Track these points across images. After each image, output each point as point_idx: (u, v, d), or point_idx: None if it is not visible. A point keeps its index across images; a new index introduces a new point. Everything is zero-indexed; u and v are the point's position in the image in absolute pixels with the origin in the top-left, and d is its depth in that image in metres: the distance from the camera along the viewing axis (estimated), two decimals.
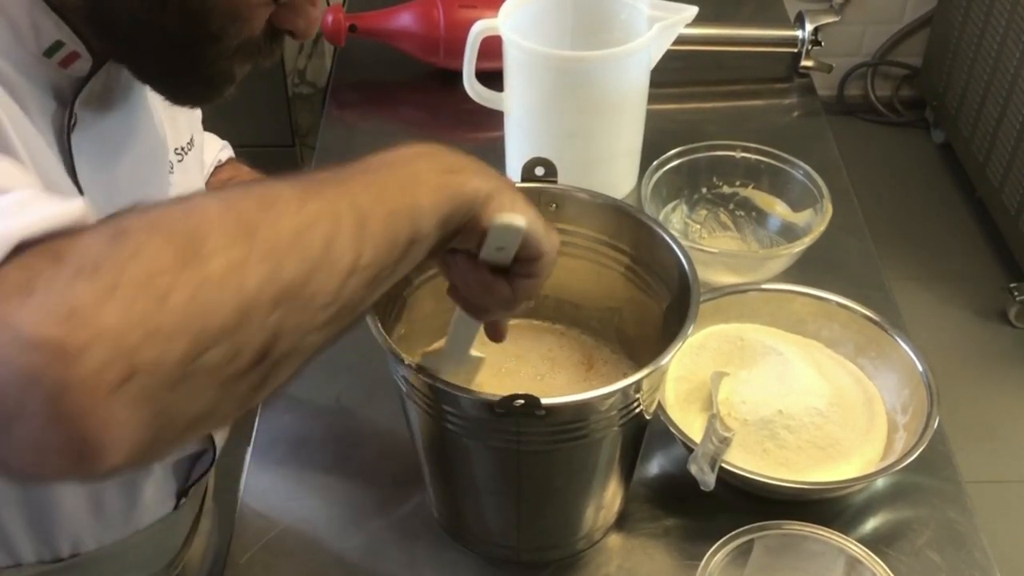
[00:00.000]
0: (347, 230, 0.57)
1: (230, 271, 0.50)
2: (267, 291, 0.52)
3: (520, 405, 0.78)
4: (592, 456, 0.89)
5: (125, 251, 0.48)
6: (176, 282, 0.48)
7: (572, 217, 1.01)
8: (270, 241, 0.53)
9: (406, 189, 0.63)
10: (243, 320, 0.51)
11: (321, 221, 0.56)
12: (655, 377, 0.88)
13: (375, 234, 0.59)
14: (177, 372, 0.48)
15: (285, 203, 0.55)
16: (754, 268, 1.20)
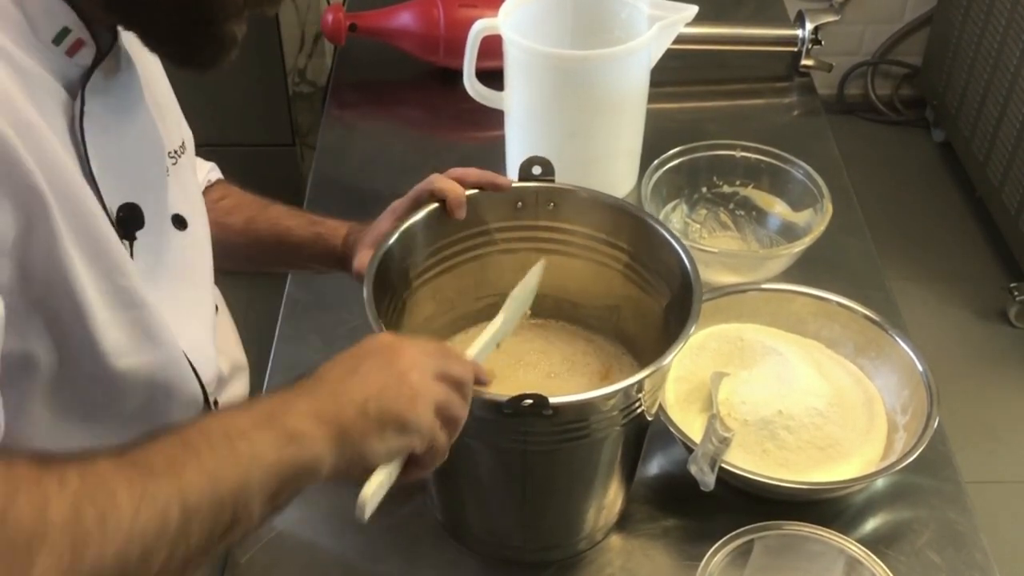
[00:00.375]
0: (171, 532, 0.62)
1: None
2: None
3: (529, 405, 0.78)
4: (595, 456, 0.89)
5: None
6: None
7: (570, 215, 1.01)
8: (97, 560, 0.58)
9: (239, 469, 0.66)
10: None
11: (148, 533, 0.61)
12: (657, 377, 0.88)
13: (199, 528, 0.64)
14: None
15: (118, 516, 0.60)
16: (754, 268, 1.20)
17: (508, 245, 1.03)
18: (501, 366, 1.04)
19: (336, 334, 1.19)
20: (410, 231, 0.97)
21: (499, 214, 1.01)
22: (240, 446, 0.66)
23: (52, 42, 0.74)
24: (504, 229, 1.02)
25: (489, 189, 0.99)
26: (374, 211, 1.03)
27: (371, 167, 1.47)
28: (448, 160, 1.49)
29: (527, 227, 1.02)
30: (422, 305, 1.01)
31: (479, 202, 1.00)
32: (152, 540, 0.61)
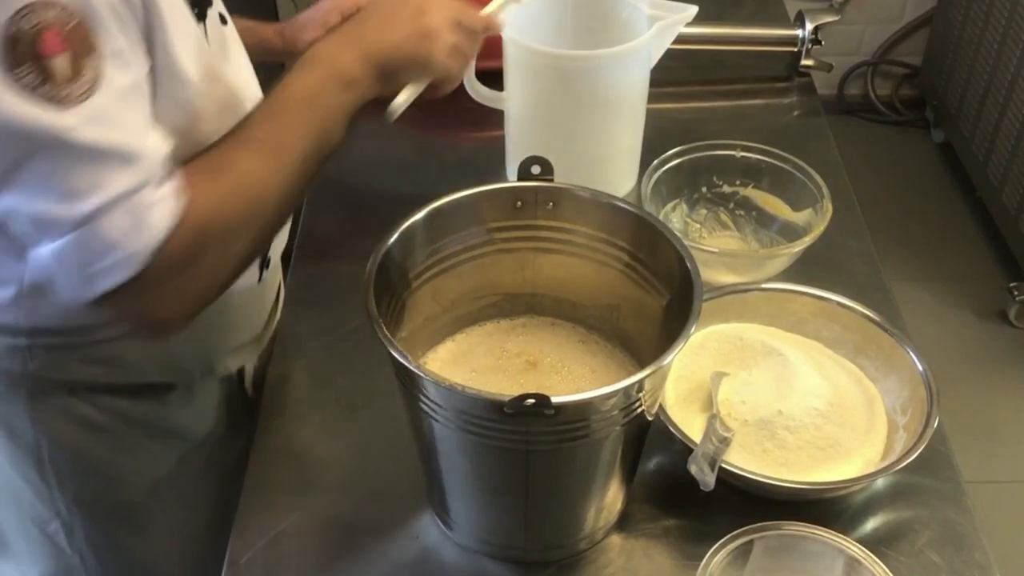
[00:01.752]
0: (315, 141, 0.94)
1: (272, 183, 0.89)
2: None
3: (531, 404, 0.78)
4: (595, 455, 0.89)
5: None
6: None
7: (570, 215, 1.01)
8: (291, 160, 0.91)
9: (323, 123, 0.97)
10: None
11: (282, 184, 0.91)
12: (657, 377, 0.88)
13: (308, 169, 0.94)
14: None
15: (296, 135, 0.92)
16: (754, 268, 1.20)
17: (507, 245, 1.03)
18: (500, 365, 1.04)
19: (336, 334, 1.19)
20: (410, 231, 0.97)
21: (498, 214, 1.01)
22: (318, 104, 0.94)
23: None
24: (503, 229, 1.02)
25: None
26: (374, 211, 1.03)
27: (371, 167, 1.47)
28: (448, 160, 1.50)
29: (526, 227, 1.02)
30: (422, 305, 1.01)
31: (479, 202, 1.00)
32: (285, 187, 0.90)
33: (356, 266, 0.93)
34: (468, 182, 1.01)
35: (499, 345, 1.06)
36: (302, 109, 0.93)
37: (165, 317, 0.86)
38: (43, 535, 1.10)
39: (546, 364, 1.04)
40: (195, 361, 1.06)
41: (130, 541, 1.11)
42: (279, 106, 0.92)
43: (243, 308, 1.09)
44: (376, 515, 1.02)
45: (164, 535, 1.12)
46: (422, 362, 1.04)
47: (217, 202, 0.84)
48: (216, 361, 1.09)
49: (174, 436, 1.10)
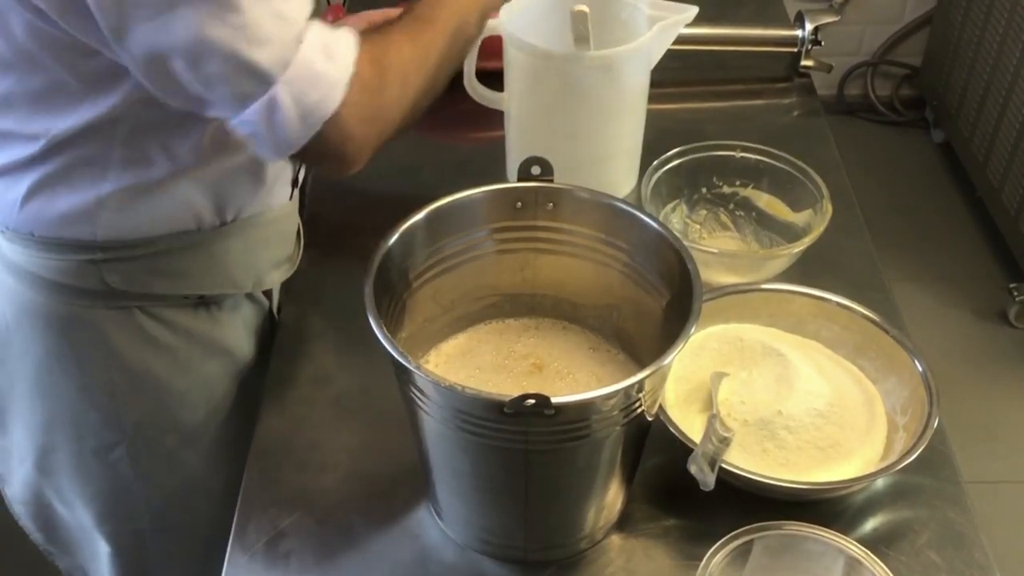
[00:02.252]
0: (450, 40, 1.06)
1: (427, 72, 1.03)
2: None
3: (531, 405, 0.78)
4: (595, 456, 0.90)
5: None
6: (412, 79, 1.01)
7: (569, 215, 1.01)
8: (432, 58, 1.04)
9: (459, 33, 1.08)
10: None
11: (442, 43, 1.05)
12: (657, 377, 0.88)
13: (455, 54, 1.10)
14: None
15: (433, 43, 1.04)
16: (754, 268, 1.20)
17: (507, 245, 1.03)
18: (506, 365, 1.04)
19: (337, 334, 1.19)
20: (410, 231, 0.97)
21: (498, 214, 1.01)
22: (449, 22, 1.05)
23: None
24: (503, 229, 1.02)
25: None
26: (374, 211, 1.03)
27: (371, 167, 1.46)
28: (448, 160, 1.50)
29: (526, 227, 1.02)
30: (422, 306, 1.01)
31: (479, 202, 1.00)
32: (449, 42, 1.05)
33: (356, 266, 0.93)
34: (468, 182, 1.01)
35: (507, 345, 1.06)
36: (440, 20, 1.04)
37: (356, 149, 0.98)
38: (103, 465, 1.14)
39: (552, 369, 1.04)
40: (245, 272, 1.12)
41: (186, 458, 1.17)
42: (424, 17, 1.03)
43: (280, 223, 1.15)
44: (376, 515, 1.02)
45: (216, 452, 1.17)
46: (426, 357, 1.04)
47: (384, 45, 0.97)
48: (263, 274, 1.15)
49: (225, 353, 1.16)
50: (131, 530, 1.20)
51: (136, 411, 1.12)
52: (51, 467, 1.17)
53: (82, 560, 1.27)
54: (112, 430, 1.12)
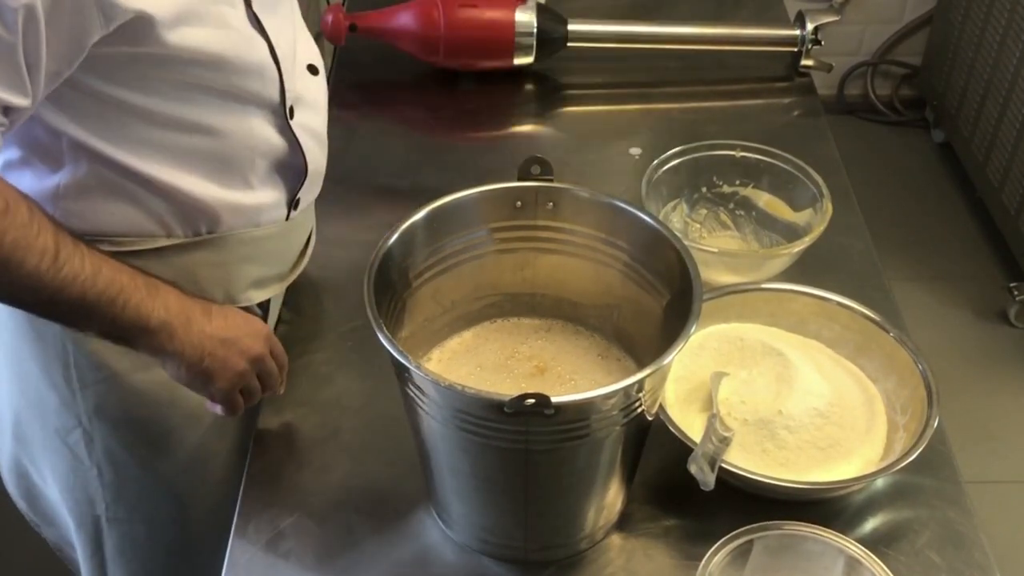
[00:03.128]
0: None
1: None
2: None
3: (531, 404, 0.78)
4: (595, 455, 0.90)
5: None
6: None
7: (569, 215, 1.01)
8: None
9: (109, 312, 0.94)
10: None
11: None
12: (657, 377, 0.88)
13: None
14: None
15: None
16: (754, 268, 1.20)
17: (507, 245, 1.03)
18: (508, 366, 1.04)
19: (337, 333, 1.19)
20: (410, 231, 0.97)
21: (498, 214, 1.01)
22: (116, 307, 0.93)
23: None
24: (503, 229, 1.02)
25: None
26: (374, 211, 1.03)
27: (371, 167, 1.47)
28: (448, 160, 1.50)
29: (526, 227, 1.02)
30: (422, 305, 1.01)
31: (479, 202, 1.00)
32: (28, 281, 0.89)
33: (356, 266, 0.93)
34: (468, 182, 1.01)
35: (512, 346, 1.06)
36: (99, 285, 0.92)
37: None
38: (64, 446, 1.13)
39: (554, 372, 1.04)
40: (216, 286, 1.09)
41: (150, 459, 1.14)
42: (91, 268, 0.91)
43: (268, 243, 1.12)
44: (376, 515, 1.02)
45: (185, 457, 1.14)
46: (428, 356, 1.04)
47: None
48: (237, 291, 1.11)
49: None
50: (91, 514, 1.18)
51: (91, 400, 1.10)
52: (25, 438, 1.16)
53: (64, 532, 1.24)
54: (70, 414, 1.11)
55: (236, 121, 1.01)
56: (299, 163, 1.09)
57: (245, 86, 0.99)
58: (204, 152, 1.01)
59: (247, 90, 1.00)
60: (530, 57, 1.58)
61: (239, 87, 0.99)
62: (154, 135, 0.98)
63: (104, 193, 1.00)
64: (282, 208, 1.11)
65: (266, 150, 1.05)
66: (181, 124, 0.98)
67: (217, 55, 0.95)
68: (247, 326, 1.03)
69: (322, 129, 1.13)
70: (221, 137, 1.01)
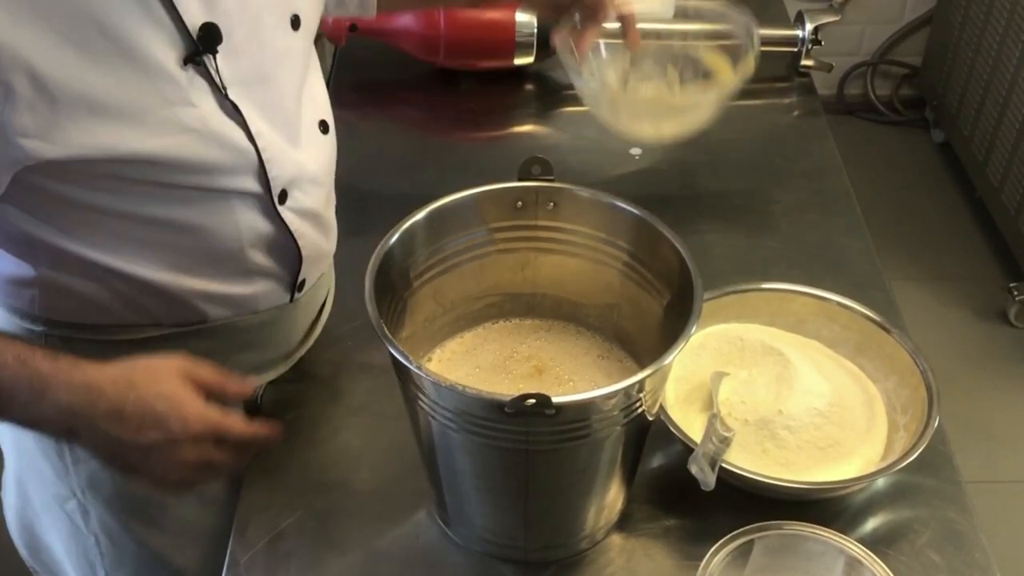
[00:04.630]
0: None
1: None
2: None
3: (532, 404, 0.78)
4: (596, 455, 0.90)
5: None
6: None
7: (570, 215, 1.01)
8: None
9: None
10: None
11: None
12: (657, 377, 0.88)
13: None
14: None
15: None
16: (674, 115, 1.22)
17: (508, 245, 1.03)
18: (506, 367, 1.04)
19: (339, 332, 1.19)
20: (411, 231, 0.97)
21: (499, 214, 1.01)
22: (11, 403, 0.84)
23: None
24: (504, 229, 1.02)
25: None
26: (374, 211, 1.03)
27: (371, 167, 1.47)
28: (448, 160, 1.50)
29: (527, 227, 1.02)
30: (422, 305, 1.01)
31: (479, 202, 1.00)
32: None
33: (356, 266, 0.93)
34: (468, 182, 1.01)
35: (511, 346, 1.06)
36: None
37: None
38: (63, 512, 1.11)
39: (552, 373, 1.04)
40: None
41: (143, 532, 1.12)
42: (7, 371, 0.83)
43: (268, 328, 1.06)
44: (376, 515, 1.02)
45: (178, 531, 1.12)
46: (429, 356, 1.04)
47: None
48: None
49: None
50: (93, 574, 1.15)
51: (84, 475, 1.06)
52: (27, 496, 1.15)
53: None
54: (64, 485, 1.08)
55: (214, 215, 0.93)
56: (292, 244, 1.00)
57: (215, 183, 0.91)
58: (183, 247, 0.94)
59: (219, 186, 0.91)
60: (530, 57, 1.58)
61: (207, 184, 0.90)
62: (124, 231, 0.91)
63: (82, 285, 0.94)
64: (283, 292, 1.04)
65: (255, 239, 0.97)
66: (151, 221, 0.91)
67: (169, 159, 0.86)
68: (167, 409, 0.87)
69: (323, 204, 1.04)
70: (198, 232, 0.93)
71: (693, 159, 1.48)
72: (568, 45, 1.16)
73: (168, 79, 0.84)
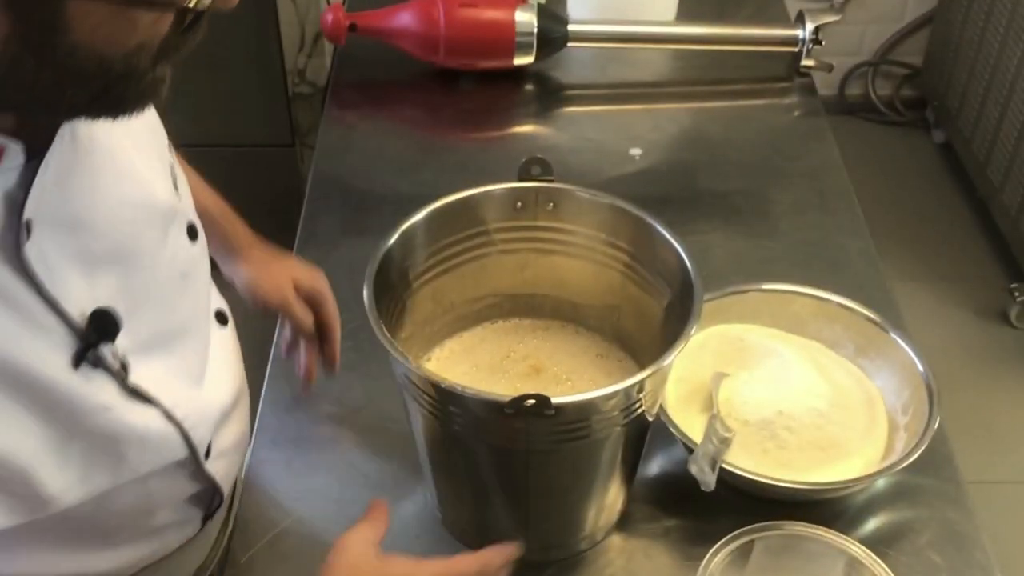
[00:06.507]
0: None
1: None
2: None
3: (531, 405, 0.78)
4: (595, 456, 0.89)
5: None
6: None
7: (570, 216, 1.01)
8: None
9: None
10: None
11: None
12: (658, 377, 0.88)
13: None
14: None
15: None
16: None
17: (508, 245, 1.03)
18: (503, 366, 1.04)
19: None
20: (410, 231, 0.97)
21: (499, 214, 1.01)
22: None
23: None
24: (504, 229, 1.02)
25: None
26: (374, 211, 1.03)
27: (371, 167, 1.47)
28: (448, 160, 1.50)
29: (527, 227, 1.02)
30: (422, 306, 1.01)
31: (479, 203, 1.00)
32: None
33: (356, 267, 0.93)
34: (468, 182, 1.01)
35: (508, 346, 1.06)
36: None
37: None
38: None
39: (550, 373, 1.04)
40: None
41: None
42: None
43: (182, 552, 0.94)
44: None
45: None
46: (428, 355, 1.04)
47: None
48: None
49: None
50: None
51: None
52: None
53: None
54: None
55: (120, 494, 0.80)
56: (212, 488, 0.91)
57: (136, 473, 0.79)
58: (85, 533, 0.81)
59: (140, 474, 0.80)
60: (530, 57, 1.58)
61: (128, 477, 0.79)
62: (17, 533, 0.74)
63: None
64: (194, 527, 0.94)
65: (166, 501, 0.87)
66: (51, 520, 0.75)
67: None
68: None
69: (241, 424, 0.95)
70: (110, 515, 0.81)
71: (693, 159, 1.48)
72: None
73: (60, 392, 0.70)
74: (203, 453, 0.86)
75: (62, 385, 0.70)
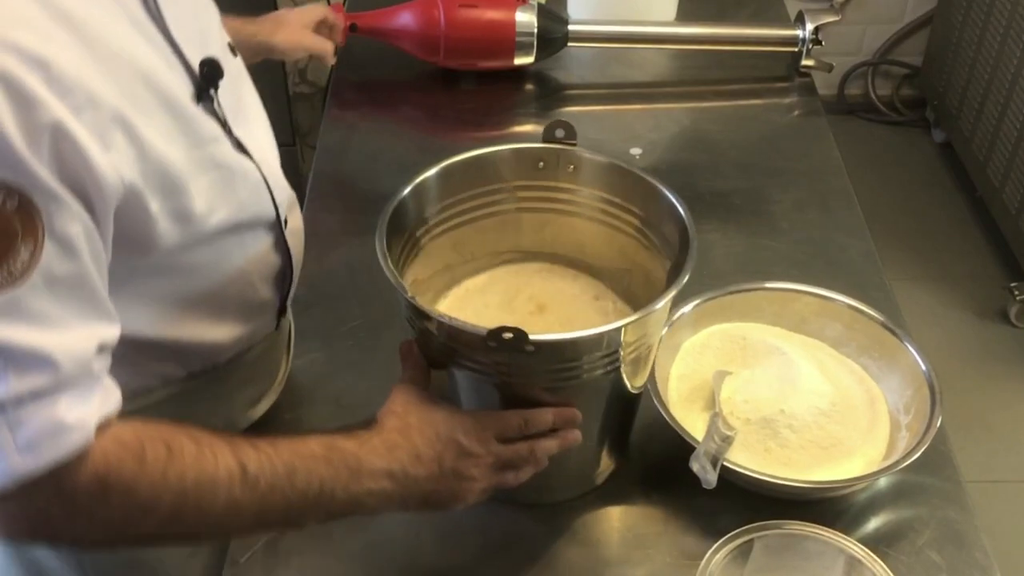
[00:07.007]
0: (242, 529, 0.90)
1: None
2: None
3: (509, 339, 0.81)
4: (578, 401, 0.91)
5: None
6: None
7: (588, 179, 1.04)
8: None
9: (318, 512, 0.85)
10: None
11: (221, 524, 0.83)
12: (640, 327, 0.89)
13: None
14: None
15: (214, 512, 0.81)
16: None
17: (529, 204, 1.05)
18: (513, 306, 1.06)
19: (337, 332, 1.19)
20: (435, 177, 1.00)
21: (521, 172, 1.04)
22: (324, 500, 0.83)
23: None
24: (525, 188, 1.05)
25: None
26: (374, 211, 1.03)
27: (371, 167, 1.47)
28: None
29: (547, 187, 1.05)
30: (440, 251, 1.03)
31: (502, 159, 1.03)
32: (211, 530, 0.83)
33: (356, 266, 0.93)
34: None
35: (514, 287, 1.08)
36: (312, 497, 0.83)
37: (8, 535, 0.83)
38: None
39: (553, 312, 1.05)
40: (215, 416, 1.01)
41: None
42: (284, 471, 0.81)
43: (261, 360, 1.05)
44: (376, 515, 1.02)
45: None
46: (445, 295, 1.07)
47: (136, 470, 0.75)
48: (236, 415, 1.05)
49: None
50: None
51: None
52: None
53: None
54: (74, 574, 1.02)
55: (224, 256, 0.92)
56: (288, 267, 1.01)
57: (238, 219, 0.90)
58: (193, 295, 0.91)
59: (240, 221, 0.91)
60: (530, 57, 1.59)
61: (232, 221, 0.90)
62: (151, 290, 0.87)
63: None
64: (272, 320, 1.04)
65: (263, 270, 0.98)
66: (165, 271, 0.87)
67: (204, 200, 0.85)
68: (445, 431, 0.88)
69: (295, 224, 1.03)
70: (209, 275, 0.92)
71: (693, 159, 1.48)
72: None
73: (192, 119, 0.83)
74: (283, 219, 0.97)
75: (189, 110, 0.83)
